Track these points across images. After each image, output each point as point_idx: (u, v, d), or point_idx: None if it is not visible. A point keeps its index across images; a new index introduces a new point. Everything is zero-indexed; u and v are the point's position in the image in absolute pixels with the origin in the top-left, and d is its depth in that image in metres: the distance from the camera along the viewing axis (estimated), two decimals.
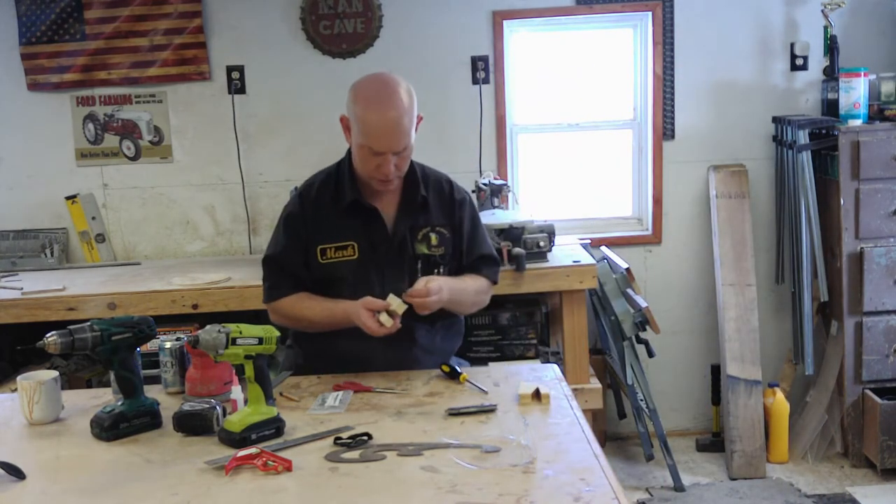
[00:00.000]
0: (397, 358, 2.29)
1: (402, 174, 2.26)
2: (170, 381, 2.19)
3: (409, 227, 2.32)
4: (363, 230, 2.29)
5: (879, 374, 3.68)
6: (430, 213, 2.34)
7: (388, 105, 2.14)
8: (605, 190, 4.19)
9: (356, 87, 2.21)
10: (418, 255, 2.31)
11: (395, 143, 2.16)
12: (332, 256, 2.28)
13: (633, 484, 3.69)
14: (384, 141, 2.15)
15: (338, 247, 2.27)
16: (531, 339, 3.41)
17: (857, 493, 3.49)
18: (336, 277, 2.27)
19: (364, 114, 2.15)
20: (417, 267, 2.31)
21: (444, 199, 2.38)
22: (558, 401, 2.01)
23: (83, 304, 3.19)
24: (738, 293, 3.88)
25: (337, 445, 1.78)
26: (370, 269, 2.28)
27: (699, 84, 3.98)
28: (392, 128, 2.14)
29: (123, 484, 1.65)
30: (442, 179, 2.41)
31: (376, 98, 2.15)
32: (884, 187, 3.61)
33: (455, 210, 2.38)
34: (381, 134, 2.14)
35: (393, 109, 2.14)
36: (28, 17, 3.81)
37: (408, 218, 2.32)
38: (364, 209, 2.29)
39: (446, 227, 2.35)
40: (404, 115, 2.14)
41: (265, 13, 3.87)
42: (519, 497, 1.51)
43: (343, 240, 2.28)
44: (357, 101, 2.18)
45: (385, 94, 2.15)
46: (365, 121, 2.15)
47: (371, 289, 2.24)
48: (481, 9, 3.89)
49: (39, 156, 3.93)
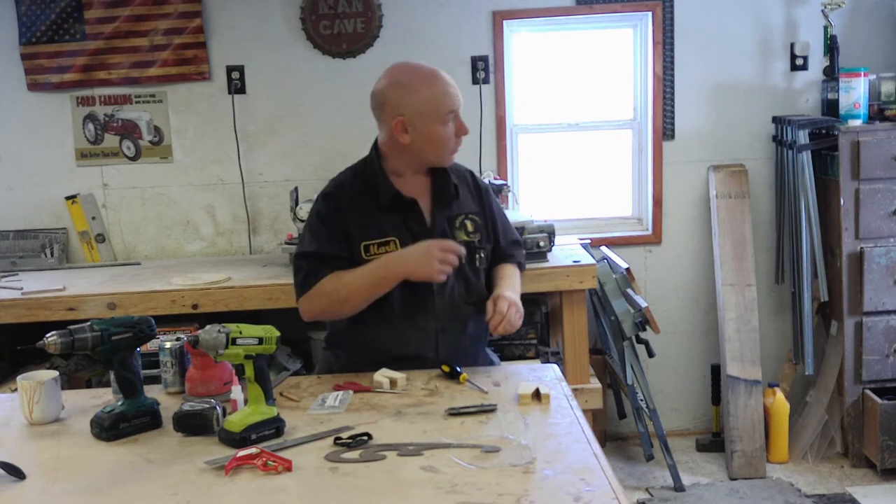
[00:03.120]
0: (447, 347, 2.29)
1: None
2: (170, 381, 2.19)
3: (446, 216, 2.33)
4: (403, 224, 2.29)
5: (879, 374, 3.68)
6: (461, 202, 2.37)
7: (437, 72, 2.28)
8: (605, 190, 4.19)
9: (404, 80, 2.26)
10: (459, 243, 2.30)
11: (460, 99, 2.30)
12: (375, 252, 2.25)
13: (633, 484, 3.69)
14: (456, 98, 2.27)
15: (380, 243, 2.26)
16: (531, 339, 3.41)
17: (857, 493, 3.49)
18: None
19: (430, 88, 2.24)
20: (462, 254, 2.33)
21: (470, 188, 2.43)
22: (558, 401, 2.00)
23: (83, 304, 3.19)
24: (738, 293, 3.88)
25: (337, 445, 1.78)
26: None
27: (699, 84, 3.99)
28: (454, 85, 2.29)
29: (123, 484, 1.65)
30: (463, 169, 2.47)
31: (428, 74, 2.27)
32: (884, 187, 3.61)
33: (483, 197, 2.44)
34: (453, 94, 2.27)
35: (445, 74, 2.29)
36: (28, 17, 3.81)
37: (444, 208, 2.34)
38: (403, 203, 2.29)
39: (478, 215, 2.39)
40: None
41: (265, 13, 3.87)
42: (519, 497, 1.51)
43: (384, 235, 2.26)
44: (414, 88, 2.24)
45: (426, 67, 2.30)
46: (436, 94, 2.24)
47: (420, 283, 2.23)
48: (481, 9, 3.89)
49: (39, 156, 3.93)
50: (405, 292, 2.24)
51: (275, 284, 3.24)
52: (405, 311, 2.26)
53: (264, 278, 3.34)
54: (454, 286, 2.30)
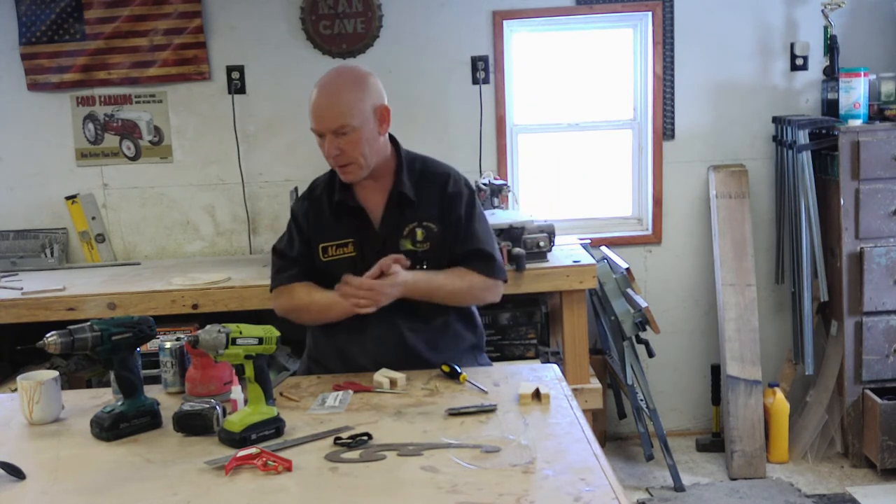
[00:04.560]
0: (390, 357, 2.28)
1: (354, 160, 2.25)
2: (170, 381, 2.19)
3: (395, 223, 2.32)
4: (356, 228, 2.33)
5: (879, 374, 3.68)
6: (418, 208, 2.33)
7: (325, 87, 2.24)
8: (605, 190, 4.19)
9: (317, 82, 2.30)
10: (402, 252, 2.29)
11: (328, 123, 2.22)
12: (332, 254, 2.33)
13: (633, 484, 3.69)
14: (319, 121, 2.23)
15: (338, 244, 2.33)
16: (531, 339, 3.41)
17: (857, 493, 3.49)
18: (338, 275, 2.26)
19: (312, 97, 2.25)
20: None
21: (437, 193, 2.36)
22: (558, 401, 2.01)
23: (83, 304, 3.19)
24: (738, 293, 3.88)
25: (337, 445, 1.78)
26: (368, 267, 2.27)
27: (699, 84, 3.99)
28: (325, 107, 2.22)
29: (123, 484, 1.65)
30: (440, 173, 2.40)
31: (319, 83, 2.26)
32: (884, 187, 3.61)
33: (449, 204, 2.35)
34: (316, 114, 2.24)
35: (328, 91, 2.23)
36: (28, 17, 3.81)
37: (395, 214, 2.32)
38: (345, 209, 2.33)
39: (435, 222, 2.33)
40: (341, 96, 2.22)
41: (265, 13, 3.87)
42: (519, 497, 1.51)
43: (341, 237, 2.33)
44: (313, 92, 2.27)
45: (327, 78, 2.26)
46: (311, 103, 2.25)
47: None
48: (481, 9, 3.89)
49: (39, 156, 3.93)
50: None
51: None
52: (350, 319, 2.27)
53: (264, 278, 3.30)
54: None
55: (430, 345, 2.34)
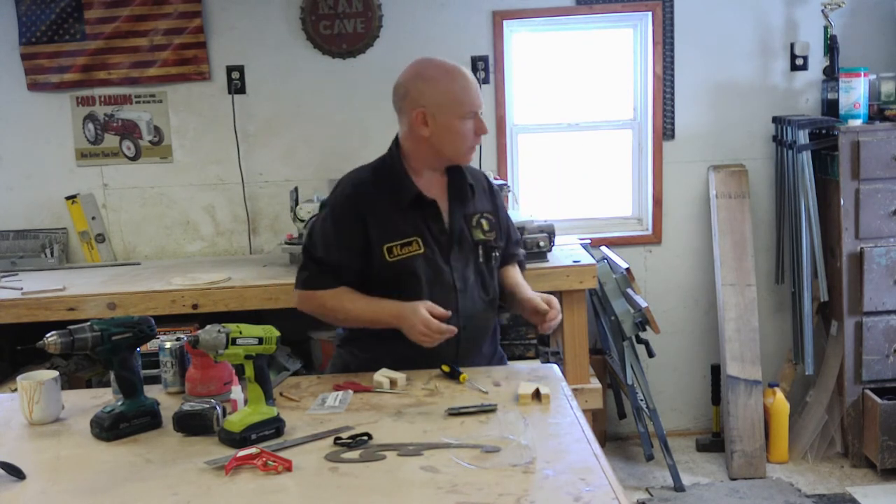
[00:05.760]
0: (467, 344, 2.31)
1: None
2: (170, 381, 2.19)
3: (462, 215, 2.35)
4: (423, 224, 2.29)
5: (879, 374, 3.68)
6: (477, 201, 2.39)
7: (461, 68, 2.30)
8: (605, 190, 4.19)
9: (426, 74, 2.28)
10: (477, 242, 2.34)
11: (480, 99, 2.31)
12: (399, 254, 2.25)
13: (633, 484, 3.69)
14: (478, 97, 2.28)
15: (403, 243, 2.26)
16: (531, 339, 3.41)
17: (857, 493, 3.49)
18: (408, 273, 2.25)
19: (452, 83, 2.26)
20: (479, 253, 2.34)
21: (484, 187, 2.45)
22: (558, 401, 2.00)
23: (83, 304, 3.19)
24: (738, 293, 3.88)
25: (337, 445, 1.78)
26: (439, 262, 2.28)
27: (699, 84, 3.99)
28: (476, 85, 2.30)
29: (123, 484, 1.65)
30: (477, 170, 2.48)
31: (452, 69, 2.28)
32: (884, 187, 3.61)
33: (495, 197, 2.47)
34: (474, 92, 2.28)
35: (468, 72, 2.31)
36: (28, 17, 3.81)
37: (460, 207, 2.35)
38: (424, 203, 2.30)
39: (492, 214, 2.41)
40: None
41: (265, 13, 3.87)
42: (519, 497, 1.51)
43: (406, 236, 2.27)
44: (436, 81, 2.26)
45: (452, 64, 2.31)
46: (457, 89, 2.25)
47: (445, 281, 2.27)
48: (481, 9, 3.89)
49: (39, 156, 3.93)
50: (433, 290, 2.26)
51: (275, 284, 3.24)
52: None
53: (264, 278, 3.34)
54: (474, 284, 2.33)
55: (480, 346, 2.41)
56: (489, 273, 2.37)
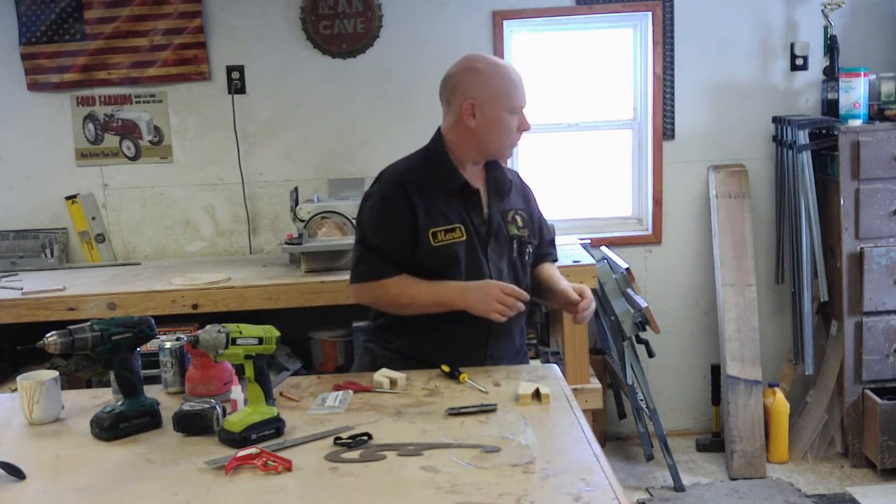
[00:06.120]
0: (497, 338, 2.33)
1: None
2: (170, 381, 2.19)
3: (500, 210, 2.38)
4: (466, 213, 2.32)
5: (879, 374, 3.68)
6: (512, 198, 2.42)
7: (513, 66, 2.34)
8: (605, 190, 4.19)
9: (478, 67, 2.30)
10: (512, 237, 2.37)
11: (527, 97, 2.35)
12: (443, 239, 2.28)
13: (633, 484, 3.69)
14: (525, 93, 2.32)
15: (447, 230, 2.29)
16: (531, 339, 3.41)
17: (857, 493, 3.49)
18: (450, 259, 2.28)
19: (504, 77, 2.28)
20: (514, 247, 2.37)
21: (517, 186, 2.48)
22: (558, 401, 2.00)
23: (83, 304, 3.19)
24: (738, 293, 3.88)
25: (337, 445, 1.78)
26: (478, 251, 2.32)
27: (699, 84, 3.99)
28: (524, 82, 2.34)
29: (123, 484, 1.65)
30: (507, 167, 2.50)
31: (503, 64, 2.33)
32: (884, 187, 3.61)
33: (529, 195, 2.51)
34: (523, 89, 2.32)
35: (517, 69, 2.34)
36: (28, 17, 3.81)
37: (499, 201, 2.38)
38: (468, 192, 2.32)
39: (525, 211, 2.44)
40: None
41: (265, 13, 3.87)
42: (519, 497, 1.51)
43: (451, 222, 2.29)
44: (488, 74, 2.28)
45: (503, 60, 2.37)
46: (507, 83, 2.28)
47: (481, 269, 2.30)
48: (481, 9, 3.89)
49: (39, 156, 3.93)
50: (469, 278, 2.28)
51: (275, 284, 3.24)
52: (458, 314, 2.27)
53: (264, 278, 3.34)
54: (507, 277, 2.35)
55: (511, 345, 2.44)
56: (522, 268, 2.40)
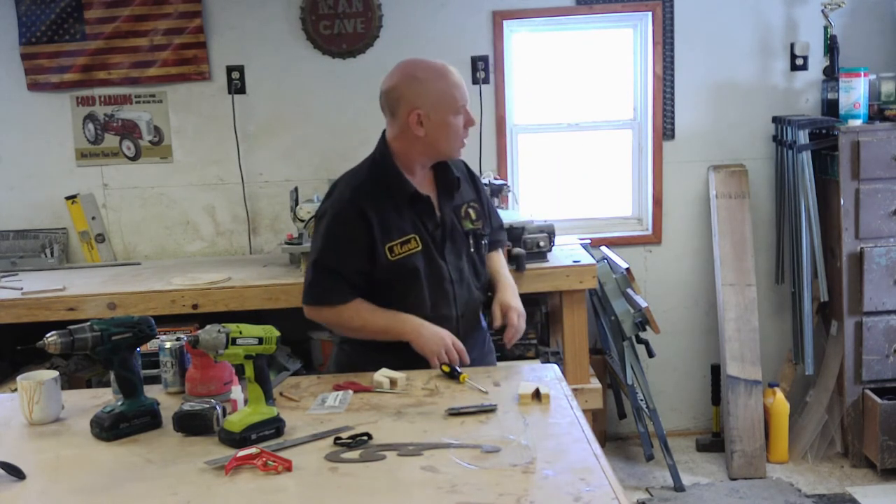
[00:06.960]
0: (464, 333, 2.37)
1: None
2: (170, 381, 2.19)
3: (452, 208, 2.39)
4: (419, 220, 2.32)
5: (879, 374, 3.68)
6: (462, 192, 2.43)
7: (448, 66, 2.34)
8: (605, 190, 4.19)
9: (418, 75, 2.30)
10: (467, 232, 2.39)
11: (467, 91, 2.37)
12: (399, 252, 2.28)
13: (633, 484, 3.69)
14: (465, 91, 2.34)
15: (402, 241, 2.29)
16: (531, 339, 3.41)
17: (857, 493, 3.49)
18: (409, 270, 2.28)
19: (444, 81, 2.29)
20: (470, 242, 2.40)
21: (465, 175, 2.49)
22: (558, 401, 2.00)
23: (83, 304, 3.19)
24: (738, 293, 3.88)
25: (337, 445, 1.78)
26: (435, 257, 2.32)
27: (699, 84, 3.99)
28: (461, 78, 2.35)
29: (123, 484, 1.65)
30: (457, 160, 2.50)
31: (441, 67, 2.32)
32: (884, 187, 3.61)
33: (477, 185, 2.52)
34: (463, 87, 2.33)
35: (454, 68, 2.35)
36: (28, 17, 3.81)
37: (449, 200, 2.39)
38: (419, 200, 2.32)
39: (476, 202, 2.46)
40: None
41: (265, 13, 3.87)
42: (519, 497, 1.51)
43: (405, 234, 2.29)
44: (429, 81, 2.28)
45: (437, 62, 2.35)
46: (448, 86, 2.29)
47: (442, 275, 2.32)
48: (481, 9, 3.89)
49: (39, 156, 3.93)
50: (431, 284, 2.31)
51: (275, 284, 3.24)
52: (432, 300, 2.32)
53: (264, 278, 3.34)
54: (468, 273, 2.38)
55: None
56: (480, 261, 2.45)
